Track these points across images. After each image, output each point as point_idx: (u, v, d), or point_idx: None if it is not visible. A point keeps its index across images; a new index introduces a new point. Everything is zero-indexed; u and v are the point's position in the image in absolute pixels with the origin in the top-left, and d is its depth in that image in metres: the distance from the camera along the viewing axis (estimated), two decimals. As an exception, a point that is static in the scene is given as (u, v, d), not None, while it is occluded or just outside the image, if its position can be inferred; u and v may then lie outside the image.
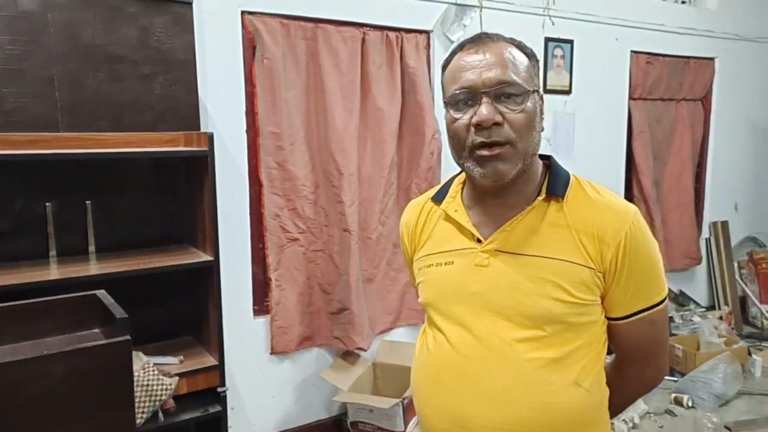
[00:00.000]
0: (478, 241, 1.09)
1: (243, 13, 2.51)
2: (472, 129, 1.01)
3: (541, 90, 1.08)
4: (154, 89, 2.05)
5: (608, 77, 3.76)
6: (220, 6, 2.45)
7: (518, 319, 1.02)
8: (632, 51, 3.80)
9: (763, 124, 4.64)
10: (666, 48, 3.95)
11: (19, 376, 0.94)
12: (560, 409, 1.01)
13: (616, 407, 1.13)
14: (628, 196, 3.92)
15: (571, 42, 3.49)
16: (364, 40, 2.81)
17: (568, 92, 3.52)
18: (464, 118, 1.02)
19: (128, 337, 1.04)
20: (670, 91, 4.07)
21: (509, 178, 1.02)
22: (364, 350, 2.82)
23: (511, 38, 1.08)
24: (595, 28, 3.54)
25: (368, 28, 2.81)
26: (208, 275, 1.98)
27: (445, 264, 1.12)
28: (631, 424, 2.99)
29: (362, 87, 2.82)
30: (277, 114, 2.62)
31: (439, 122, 3.00)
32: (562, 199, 1.06)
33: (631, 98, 3.88)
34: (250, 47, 2.57)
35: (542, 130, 1.07)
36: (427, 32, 3.02)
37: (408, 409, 2.65)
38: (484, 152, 1.01)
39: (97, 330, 1.23)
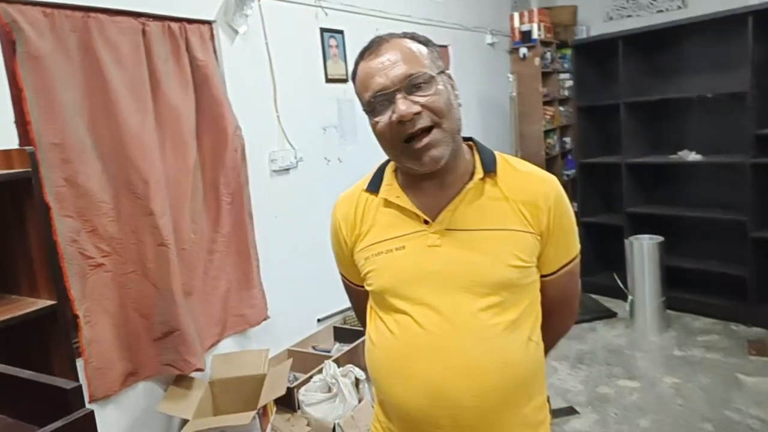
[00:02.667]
0: (426, 222, 1.12)
1: (-8, 0, 2.03)
2: (396, 126, 1.04)
3: (448, 69, 1.14)
4: None
5: (374, 65, 4.01)
6: (-40, -10, 1.93)
7: (478, 289, 1.08)
8: (390, 40, 4.13)
9: (487, 100, 5.51)
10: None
11: None
12: (522, 365, 1.09)
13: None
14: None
15: (342, 32, 3.64)
16: (144, 31, 2.51)
17: (345, 81, 3.65)
18: (384, 118, 1.06)
19: None
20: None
21: (446, 160, 1.08)
22: (203, 370, 2.59)
23: (404, 33, 1.12)
24: (360, 19, 3.74)
25: (148, 18, 2.52)
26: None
27: (396, 249, 1.13)
28: None
29: (152, 84, 2.53)
30: (57, 121, 2.19)
31: (239, 117, 2.87)
32: (495, 174, 1.15)
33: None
34: (10, 43, 2.09)
35: (460, 105, 1.13)
36: (209, 23, 2.84)
37: (263, 417, 2.54)
38: (416, 145, 1.05)
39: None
